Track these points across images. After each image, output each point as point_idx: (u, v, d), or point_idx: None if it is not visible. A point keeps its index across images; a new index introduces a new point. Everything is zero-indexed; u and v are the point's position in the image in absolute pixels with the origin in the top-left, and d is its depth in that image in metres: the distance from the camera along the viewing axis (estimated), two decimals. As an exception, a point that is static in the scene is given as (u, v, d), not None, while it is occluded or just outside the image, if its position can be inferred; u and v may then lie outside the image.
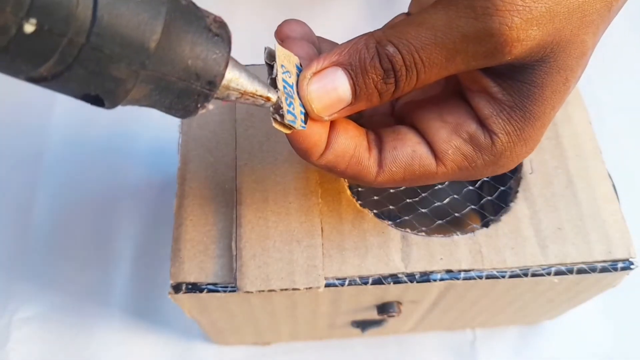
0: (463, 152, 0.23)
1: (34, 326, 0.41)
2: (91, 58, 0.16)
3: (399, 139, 0.23)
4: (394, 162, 0.23)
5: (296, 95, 0.21)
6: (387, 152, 0.23)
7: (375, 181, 0.23)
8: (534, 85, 0.21)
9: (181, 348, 0.41)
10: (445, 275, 0.27)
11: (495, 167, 0.23)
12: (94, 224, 0.45)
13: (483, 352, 0.41)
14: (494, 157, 0.23)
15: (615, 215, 0.29)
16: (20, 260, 0.43)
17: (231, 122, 0.31)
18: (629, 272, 0.28)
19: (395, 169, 0.23)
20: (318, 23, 0.53)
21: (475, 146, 0.22)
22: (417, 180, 0.23)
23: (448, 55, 0.20)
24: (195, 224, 0.28)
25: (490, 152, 0.22)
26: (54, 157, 0.47)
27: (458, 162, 0.23)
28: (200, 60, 0.18)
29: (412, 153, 0.23)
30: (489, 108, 0.22)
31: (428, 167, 0.23)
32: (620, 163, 0.37)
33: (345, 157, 0.22)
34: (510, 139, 0.22)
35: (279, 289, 0.26)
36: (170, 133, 0.47)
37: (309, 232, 0.27)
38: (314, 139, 0.22)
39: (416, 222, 0.31)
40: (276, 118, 0.21)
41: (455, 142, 0.23)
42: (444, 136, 0.23)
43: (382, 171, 0.23)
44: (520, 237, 0.28)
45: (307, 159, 0.23)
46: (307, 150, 0.22)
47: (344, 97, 0.21)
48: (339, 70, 0.21)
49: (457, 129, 0.23)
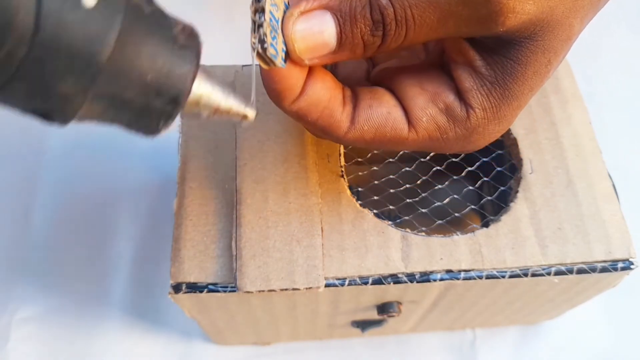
0: (437, 121, 0.22)
1: (34, 326, 0.41)
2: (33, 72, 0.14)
3: (375, 98, 0.23)
4: (367, 121, 0.22)
5: (280, 31, 0.20)
6: (362, 110, 0.23)
7: (344, 137, 0.23)
8: (517, 63, 0.21)
9: (181, 348, 0.41)
10: (445, 275, 0.27)
11: (466, 142, 0.23)
12: (94, 224, 0.45)
13: (483, 352, 0.41)
14: (467, 131, 0.23)
15: (615, 215, 0.29)
16: (20, 261, 0.43)
17: (231, 122, 0.31)
18: (628, 272, 0.28)
19: (367, 127, 0.23)
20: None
21: (450, 117, 0.22)
22: (386, 143, 0.23)
23: (441, 17, 0.20)
24: (195, 224, 0.28)
25: (463, 125, 0.22)
26: (53, 157, 0.47)
27: (430, 130, 0.23)
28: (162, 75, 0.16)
29: (386, 114, 0.23)
30: (470, 81, 0.22)
31: (400, 131, 0.23)
32: (620, 163, 0.37)
33: (318, 107, 0.22)
34: (485, 115, 0.22)
35: (279, 288, 0.26)
36: (170, 133, 0.47)
37: (309, 232, 0.27)
38: (290, 81, 0.21)
39: (416, 222, 0.31)
40: (258, 49, 0.20)
41: (431, 111, 0.22)
42: (421, 103, 0.23)
43: (353, 127, 0.23)
44: (520, 237, 0.28)
45: (279, 103, 0.22)
46: (281, 92, 0.21)
47: (329, 42, 0.21)
48: (327, 14, 0.20)
49: (434, 97, 0.23)
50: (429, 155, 0.33)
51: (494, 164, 0.32)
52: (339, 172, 0.29)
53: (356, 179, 0.34)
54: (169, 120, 0.18)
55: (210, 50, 0.59)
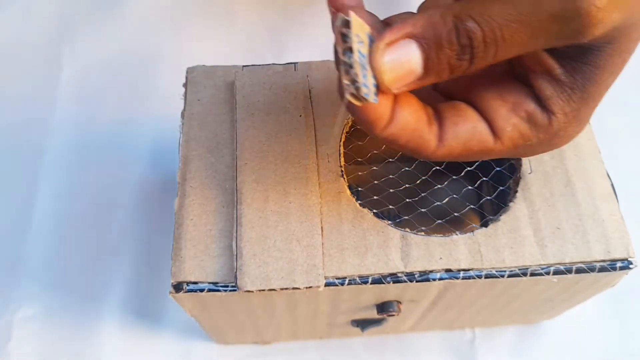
0: (521, 130, 0.23)
1: (35, 325, 0.41)
2: None
3: (460, 115, 0.23)
4: (455, 138, 0.23)
5: (368, 66, 0.20)
6: (448, 128, 0.23)
7: (432, 155, 0.23)
8: (596, 67, 0.21)
9: (182, 347, 0.41)
10: (445, 274, 0.27)
11: (548, 145, 0.24)
12: (94, 223, 0.45)
13: (482, 351, 0.41)
14: (549, 136, 0.23)
15: (614, 215, 0.29)
16: (21, 260, 0.43)
17: (231, 122, 0.31)
18: (627, 272, 0.28)
19: (455, 144, 0.23)
20: (318, 23, 0.54)
21: (533, 125, 0.23)
22: (473, 155, 0.24)
23: (531, 34, 0.20)
24: (196, 224, 0.28)
25: (546, 131, 0.23)
26: (54, 157, 0.47)
27: (515, 139, 0.23)
28: None
29: (472, 129, 0.23)
30: (550, 89, 0.22)
31: (486, 143, 0.23)
32: (619, 163, 0.37)
33: (407, 131, 0.22)
34: (566, 119, 0.23)
35: (279, 288, 0.27)
36: (170, 133, 0.47)
37: (309, 231, 0.28)
38: (379, 111, 0.21)
39: (416, 222, 0.31)
40: (352, 91, 0.20)
41: (514, 120, 0.23)
42: (503, 114, 0.23)
43: (441, 145, 0.23)
44: (519, 237, 0.28)
45: (370, 131, 0.22)
46: (372, 122, 0.22)
47: (415, 70, 0.21)
48: (412, 43, 0.20)
49: (516, 107, 0.23)
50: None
51: (493, 164, 0.32)
52: (338, 172, 0.29)
53: (356, 179, 0.34)
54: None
55: (211, 50, 0.60)
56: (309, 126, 0.30)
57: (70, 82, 0.51)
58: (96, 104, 0.50)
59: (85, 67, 0.52)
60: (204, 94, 0.32)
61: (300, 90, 0.31)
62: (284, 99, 0.31)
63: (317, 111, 0.31)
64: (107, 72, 0.51)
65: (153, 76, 0.51)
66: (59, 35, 0.53)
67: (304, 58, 0.34)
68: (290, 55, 0.51)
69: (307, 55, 0.35)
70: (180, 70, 0.34)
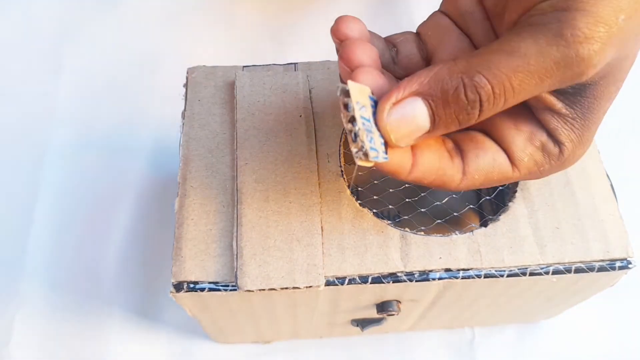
0: (536, 159, 0.24)
1: (36, 325, 0.41)
2: None
3: (479, 147, 0.24)
4: (477, 171, 0.24)
5: (374, 127, 0.21)
6: (471, 161, 0.24)
7: (457, 187, 0.24)
8: (593, 98, 0.22)
9: (182, 346, 0.41)
10: (444, 274, 0.28)
11: (558, 169, 0.25)
12: (95, 223, 0.45)
13: (482, 351, 0.41)
14: (560, 162, 0.24)
15: (613, 215, 0.29)
16: (21, 260, 0.43)
17: (232, 122, 0.31)
18: (626, 272, 0.28)
19: (478, 176, 0.24)
20: (318, 23, 0.54)
21: (546, 154, 0.24)
22: (492, 183, 0.25)
23: (538, 82, 0.21)
24: (197, 223, 0.28)
25: (557, 158, 0.24)
26: (55, 157, 0.47)
27: (530, 167, 0.24)
28: None
29: (492, 161, 0.24)
30: (554, 122, 0.23)
31: (505, 173, 0.24)
32: (618, 163, 0.37)
33: (431, 171, 0.23)
34: (573, 145, 0.24)
35: (280, 287, 0.27)
36: (171, 133, 0.48)
37: (309, 231, 0.28)
38: (396, 162, 0.22)
39: (415, 222, 0.31)
40: (360, 156, 0.21)
41: (530, 150, 0.24)
42: (520, 144, 0.24)
43: (465, 178, 0.24)
44: (518, 237, 0.28)
45: (396, 178, 0.23)
46: (394, 172, 0.23)
47: (423, 126, 0.21)
48: (418, 101, 0.21)
49: (531, 138, 0.24)
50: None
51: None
52: (338, 172, 0.29)
53: (356, 179, 0.34)
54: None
55: (211, 50, 0.60)
56: (309, 126, 0.30)
57: (70, 83, 0.51)
58: (97, 104, 0.50)
59: (86, 68, 0.52)
60: (205, 94, 0.32)
61: (300, 90, 0.31)
62: (284, 99, 0.31)
63: (317, 111, 0.31)
64: (107, 72, 0.51)
65: (153, 76, 0.51)
66: (59, 36, 0.53)
67: (304, 58, 0.34)
68: (290, 55, 0.51)
69: (307, 55, 0.35)
70: (180, 70, 0.34)
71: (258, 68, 0.32)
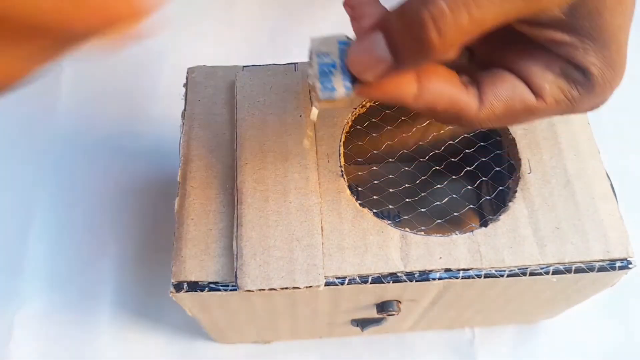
0: (559, 85, 0.23)
1: (36, 324, 0.41)
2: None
3: (497, 77, 0.24)
4: (495, 97, 0.23)
5: (340, 69, 0.22)
6: (487, 88, 0.24)
7: (476, 117, 0.24)
8: (591, 16, 0.22)
9: (182, 346, 0.41)
10: (444, 274, 0.27)
11: (592, 97, 0.24)
12: (95, 223, 0.45)
13: (482, 351, 0.41)
14: (591, 88, 0.23)
15: (613, 215, 0.29)
16: (22, 259, 0.43)
17: (232, 122, 0.31)
18: (626, 272, 0.28)
19: (497, 103, 0.23)
20: (318, 23, 0.54)
21: (570, 80, 0.23)
22: (518, 116, 0.24)
23: None
24: (197, 224, 0.28)
25: (585, 84, 0.23)
26: (55, 156, 0.47)
27: (556, 95, 0.24)
28: None
29: (512, 88, 0.24)
30: (565, 50, 0.23)
31: (528, 101, 0.24)
32: (618, 163, 0.37)
33: (443, 96, 0.23)
34: (598, 68, 0.23)
35: (280, 287, 0.27)
36: (171, 133, 0.47)
37: (309, 231, 0.28)
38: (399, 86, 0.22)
39: (415, 222, 0.31)
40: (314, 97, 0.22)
41: (550, 77, 0.23)
42: (538, 72, 0.23)
43: (483, 106, 0.23)
44: (518, 237, 0.28)
45: (406, 107, 0.23)
46: (396, 97, 0.22)
47: (384, 58, 0.21)
48: (375, 33, 0.21)
49: (548, 65, 0.23)
50: (428, 155, 0.34)
51: (492, 164, 0.32)
52: (338, 172, 0.29)
53: (356, 179, 0.34)
54: None
55: (211, 50, 0.60)
56: (309, 126, 0.30)
57: (70, 83, 0.51)
58: (97, 104, 0.50)
59: (86, 68, 0.52)
60: (205, 94, 0.32)
61: (300, 90, 0.31)
62: (284, 99, 0.31)
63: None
64: (107, 72, 0.51)
65: (153, 76, 0.51)
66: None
67: (304, 58, 0.34)
68: (291, 55, 0.51)
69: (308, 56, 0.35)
70: (180, 70, 0.34)
71: (258, 68, 0.32)
